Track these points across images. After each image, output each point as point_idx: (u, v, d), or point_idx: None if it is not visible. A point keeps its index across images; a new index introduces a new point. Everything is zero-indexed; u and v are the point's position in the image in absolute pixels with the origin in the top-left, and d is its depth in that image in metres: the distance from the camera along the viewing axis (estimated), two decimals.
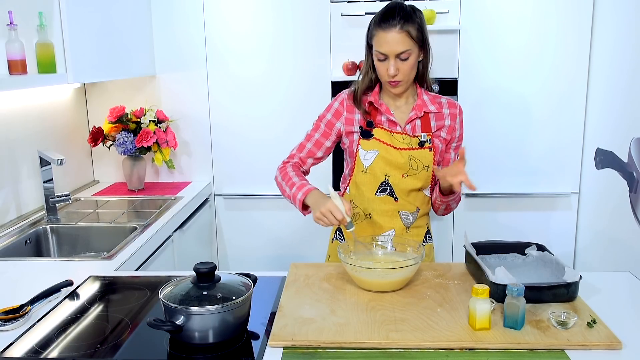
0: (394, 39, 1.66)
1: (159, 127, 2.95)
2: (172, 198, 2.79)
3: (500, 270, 1.48)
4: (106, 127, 2.93)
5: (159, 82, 3.11)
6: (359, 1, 2.97)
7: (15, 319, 1.42)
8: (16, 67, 2.08)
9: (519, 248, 1.71)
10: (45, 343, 1.33)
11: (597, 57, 2.93)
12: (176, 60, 3.08)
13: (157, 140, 2.91)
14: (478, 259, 1.59)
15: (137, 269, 2.03)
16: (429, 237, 1.94)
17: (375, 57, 1.74)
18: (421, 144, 1.79)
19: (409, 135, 1.79)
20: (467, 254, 1.68)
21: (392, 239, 1.79)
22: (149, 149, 2.92)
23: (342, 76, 3.03)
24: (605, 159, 2.87)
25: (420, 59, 1.76)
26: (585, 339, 1.28)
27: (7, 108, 2.36)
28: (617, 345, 1.27)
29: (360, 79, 1.84)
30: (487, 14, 2.95)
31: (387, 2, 2.92)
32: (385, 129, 1.79)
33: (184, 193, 2.90)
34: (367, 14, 2.96)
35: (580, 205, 3.12)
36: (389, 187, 1.80)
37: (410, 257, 1.62)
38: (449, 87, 3.02)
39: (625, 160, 2.68)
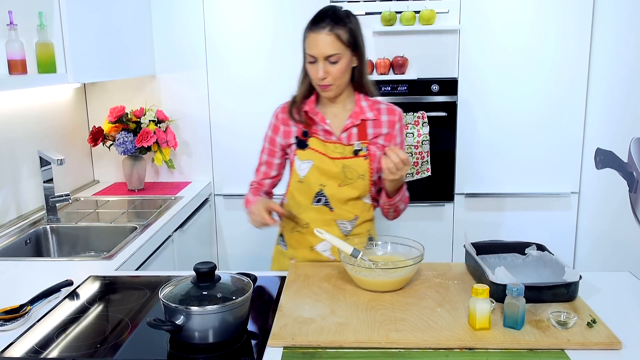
0: (322, 41, 1.65)
1: (159, 127, 2.95)
2: (172, 198, 2.79)
3: (500, 270, 1.48)
4: (106, 127, 2.93)
5: (159, 82, 3.11)
6: (359, 1, 2.97)
7: (15, 319, 1.42)
8: (16, 67, 2.08)
9: (519, 248, 1.71)
10: (45, 343, 1.33)
11: (597, 57, 2.93)
12: (176, 60, 3.08)
13: (157, 140, 2.91)
14: (478, 259, 1.59)
15: (137, 269, 2.03)
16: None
17: (306, 60, 1.72)
18: (355, 153, 1.76)
19: (342, 144, 1.77)
20: (467, 254, 1.68)
21: (330, 247, 1.81)
22: (149, 148, 2.92)
23: None
24: (605, 159, 2.87)
25: (354, 64, 1.74)
26: (585, 339, 1.28)
27: (7, 108, 2.36)
28: (617, 345, 1.27)
29: (297, 85, 1.82)
30: (487, 14, 2.95)
31: (388, 2, 2.94)
32: (319, 139, 1.78)
33: (184, 193, 2.90)
34: (367, 14, 2.97)
35: (580, 205, 3.12)
36: (323, 198, 1.79)
37: (410, 257, 1.62)
38: (449, 87, 3.02)
39: (625, 160, 2.68)
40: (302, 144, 1.79)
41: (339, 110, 1.80)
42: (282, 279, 1.68)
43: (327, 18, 1.66)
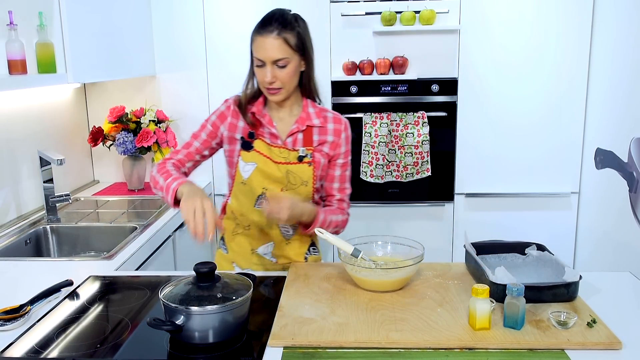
0: (270, 45, 1.62)
1: (159, 127, 2.95)
2: None
3: (500, 270, 1.48)
4: (106, 127, 2.93)
5: (159, 82, 3.11)
6: (359, 1, 2.97)
7: (15, 319, 1.42)
8: (16, 67, 2.08)
9: (519, 248, 1.71)
10: (45, 343, 1.33)
11: (597, 56, 2.94)
12: (176, 60, 3.08)
13: (157, 140, 2.91)
14: (478, 259, 1.59)
15: (137, 269, 2.03)
16: (313, 249, 1.89)
17: (254, 64, 1.70)
18: (300, 159, 1.73)
19: (288, 149, 1.74)
20: (467, 253, 1.68)
21: (271, 251, 1.80)
22: (149, 148, 2.92)
23: (342, 76, 3.03)
24: (605, 159, 2.87)
25: (302, 69, 1.71)
26: (585, 338, 1.28)
27: (7, 108, 2.36)
28: (617, 345, 1.27)
29: (243, 87, 1.79)
30: (487, 14, 2.95)
31: (388, 2, 2.94)
32: (265, 142, 1.74)
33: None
34: (367, 14, 2.97)
35: (580, 205, 3.12)
36: (265, 201, 1.74)
37: (410, 257, 1.62)
38: (449, 87, 3.02)
39: (625, 160, 2.68)
40: (247, 145, 1.74)
41: (286, 115, 1.78)
42: (282, 279, 1.68)
43: (275, 22, 1.64)
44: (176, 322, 1.26)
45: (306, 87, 1.76)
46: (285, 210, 1.59)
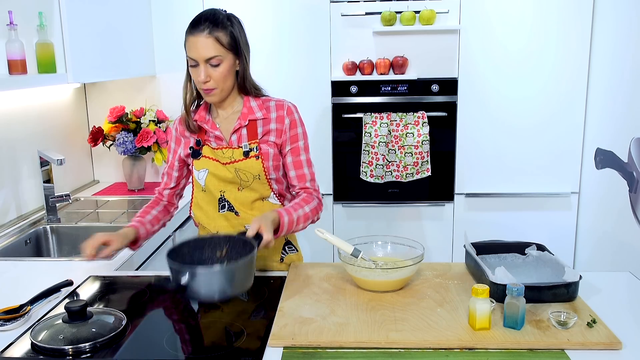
0: (202, 44, 1.61)
1: (159, 127, 2.95)
2: None
3: (500, 270, 1.48)
4: (106, 127, 2.93)
5: (159, 82, 3.11)
6: (359, 1, 2.97)
7: (15, 318, 1.42)
8: (16, 67, 2.08)
9: (519, 248, 1.71)
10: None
11: (598, 56, 2.94)
12: (176, 60, 3.07)
13: (157, 140, 2.91)
14: (478, 259, 1.59)
15: (137, 269, 2.03)
16: (290, 247, 1.87)
17: (189, 64, 1.68)
18: (245, 154, 1.72)
19: (232, 147, 1.73)
20: (467, 253, 1.68)
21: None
22: (149, 148, 2.92)
23: (342, 76, 3.03)
24: (605, 158, 2.87)
25: (237, 68, 1.70)
26: (585, 338, 1.28)
27: (7, 108, 2.36)
28: (617, 345, 1.27)
29: (183, 92, 1.77)
30: (487, 14, 2.95)
31: (388, 2, 2.94)
32: (210, 146, 1.75)
33: (184, 193, 2.89)
34: (367, 13, 2.97)
35: (580, 205, 3.12)
36: (227, 204, 1.76)
37: (410, 257, 1.62)
38: (449, 87, 3.02)
39: (625, 160, 2.68)
40: (196, 154, 1.76)
41: (229, 114, 1.77)
42: (282, 279, 1.68)
43: (206, 21, 1.62)
44: (181, 284, 1.32)
45: (241, 85, 1.74)
46: (265, 228, 1.55)
